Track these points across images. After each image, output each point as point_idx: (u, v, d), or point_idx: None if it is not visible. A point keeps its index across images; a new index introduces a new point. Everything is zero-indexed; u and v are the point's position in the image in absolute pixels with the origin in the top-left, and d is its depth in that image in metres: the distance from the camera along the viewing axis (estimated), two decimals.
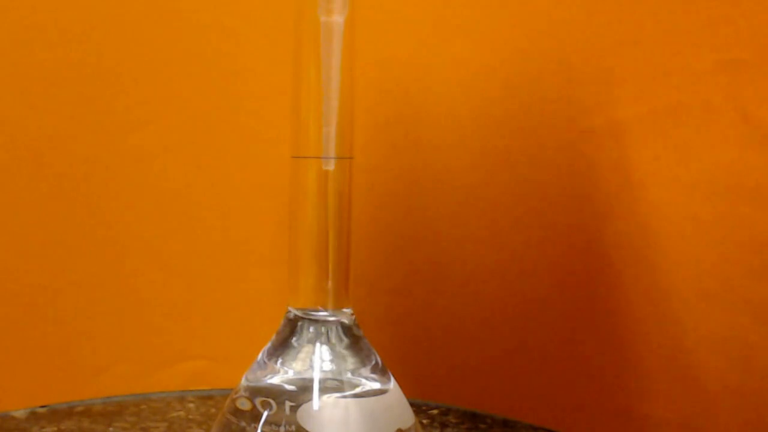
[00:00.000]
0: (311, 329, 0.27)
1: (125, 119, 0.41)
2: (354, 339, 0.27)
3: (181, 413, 0.40)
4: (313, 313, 0.27)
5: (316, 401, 0.25)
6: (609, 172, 0.36)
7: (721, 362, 0.33)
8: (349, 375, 0.26)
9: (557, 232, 0.38)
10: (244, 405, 0.26)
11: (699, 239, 0.33)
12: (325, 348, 0.27)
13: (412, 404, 0.28)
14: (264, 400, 0.25)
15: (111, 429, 0.37)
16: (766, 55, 0.31)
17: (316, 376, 0.26)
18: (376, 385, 0.27)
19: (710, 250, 0.33)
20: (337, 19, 0.26)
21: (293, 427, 0.24)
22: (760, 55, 0.32)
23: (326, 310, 0.27)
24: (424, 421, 0.39)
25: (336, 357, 0.27)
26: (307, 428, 0.24)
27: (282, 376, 0.26)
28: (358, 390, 0.26)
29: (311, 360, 0.26)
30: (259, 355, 0.27)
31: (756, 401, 0.32)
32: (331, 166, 0.26)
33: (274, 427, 0.25)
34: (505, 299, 0.39)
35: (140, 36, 0.41)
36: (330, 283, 0.27)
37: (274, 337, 0.27)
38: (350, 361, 0.27)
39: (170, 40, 0.42)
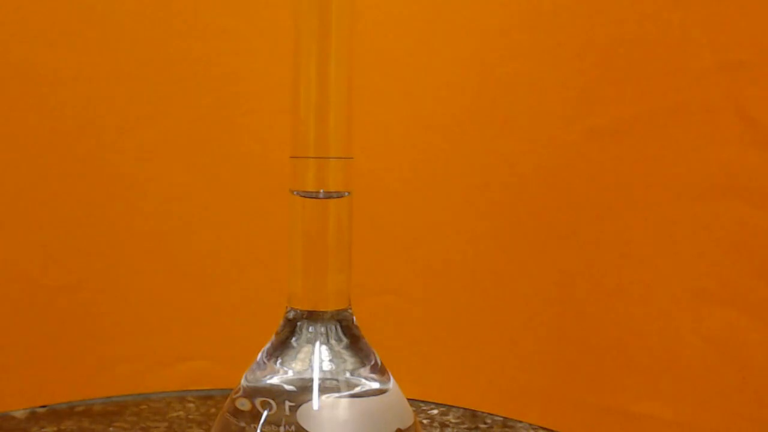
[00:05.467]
0: (310, 329, 0.27)
1: (125, 119, 0.41)
2: (353, 339, 0.27)
3: (181, 413, 0.40)
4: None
5: (316, 401, 0.25)
6: (609, 172, 0.36)
7: (720, 362, 0.33)
8: (348, 375, 0.26)
9: (557, 231, 0.38)
10: (244, 405, 0.26)
11: (699, 239, 0.33)
12: (324, 348, 0.27)
13: (412, 404, 0.28)
14: (263, 400, 0.25)
15: (111, 429, 0.37)
16: (766, 55, 0.31)
17: (316, 376, 0.26)
18: (376, 385, 0.27)
19: (710, 250, 0.33)
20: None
21: (293, 427, 0.24)
22: (760, 55, 0.32)
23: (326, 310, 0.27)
24: (424, 421, 0.39)
25: (335, 357, 0.27)
26: (307, 428, 0.24)
27: (281, 376, 0.26)
28: (357, 390, 0.26)
29: (311, 360, 0.26)
30: (259, 356, 0.27)
31: (755, 401, 0.32)
32: None
33: (273, 427, 0.25)
34: (504, 299, 0.39)
35: (140, 36, 0.41)
36: (330, 283, 0.27)
37: (273, 337, 0.27)
38: (350, 361, 0.27)
39: (170, 39, 0.42)
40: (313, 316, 0.27)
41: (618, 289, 0.36)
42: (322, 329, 0.27)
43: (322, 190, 0.26)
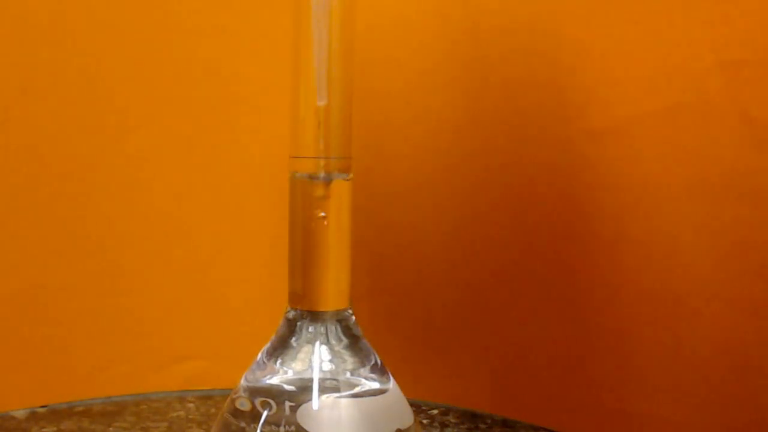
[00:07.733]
0: (310, 329, 0.27)
1: (123, 120, 0.41)
2: (353, 339, 0.27)
3: (181, 413, 0.40)
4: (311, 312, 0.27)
5: (316, 401, 0.25)
6: (609, 172, 0.36)
7: (721, 362, 0.33)
8: (348, 375, 0.26)
9: (557, 232, 0.38)
10: (244, 405, 0.26)
11: (699, 239, 0.33)
12: (324, 348, 0.27)
13: (412, 404, 0.28)
14: (263, 401, 0.25)
15: (111, 429, 0.37)
16: (766, 55, 0.31)
17: (316, 376, 0.26)
18: (376, 385, 0.27)
19: (710, 250, 0.33)
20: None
21: (293, 428, 0.24)
22: (760, 55, 0.32)
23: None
24: (424, 421, 0.39)
25: (335, 357, 0.27)
26: (307, 428, 0.24)
27: (281, 376, 0.26)
28: (357, 390, 0.26)
29: (310, 360, 0.26)
30: (259, 355, 0.27)
31: (756, 401, 0.32)
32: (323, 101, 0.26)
33: (273, 428, 0.25)
34: (505, 299, 0.39)
35: (139, 37, 0.41)
36: (330, 283, 0.27)
37: (273, 337, 0.27)
38: (349, 361, 0.27)
39: (168, 40, 0.42)
40: (313, 316, 0.27)
41: (618, 289, 0.36)
42: (322, 329, 0.27)
43: (321, 174, 0.26)
